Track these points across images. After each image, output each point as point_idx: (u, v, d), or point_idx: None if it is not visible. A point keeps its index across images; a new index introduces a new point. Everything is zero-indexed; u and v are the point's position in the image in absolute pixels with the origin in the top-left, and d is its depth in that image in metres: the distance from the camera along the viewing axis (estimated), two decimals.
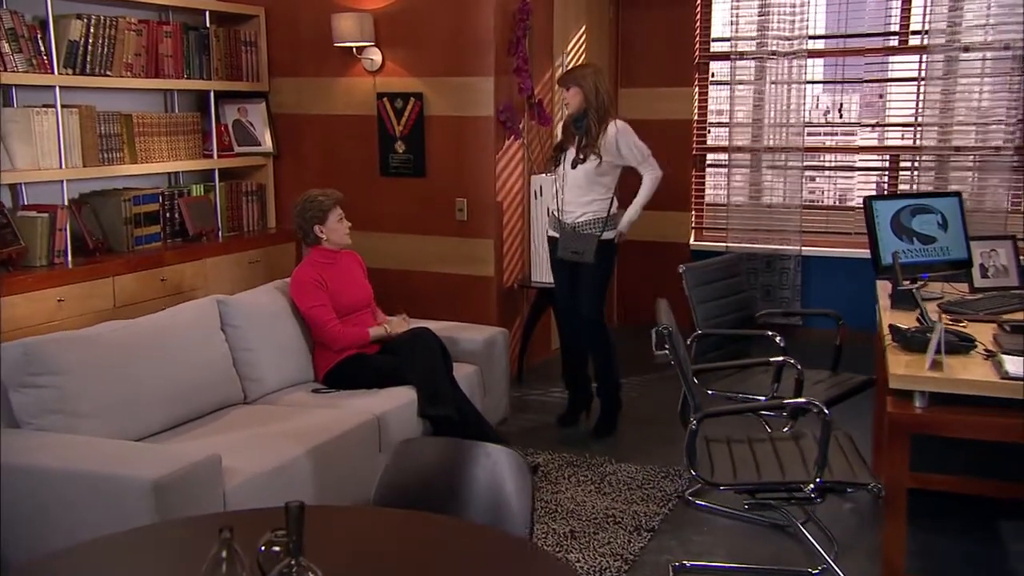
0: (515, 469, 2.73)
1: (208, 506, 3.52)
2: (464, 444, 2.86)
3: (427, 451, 2.91)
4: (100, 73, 5.52)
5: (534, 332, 6.49)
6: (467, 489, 2.76)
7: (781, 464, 3.66)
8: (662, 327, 3.58)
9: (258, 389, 4.73)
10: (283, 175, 6.76)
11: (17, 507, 3.48)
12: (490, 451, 2.79)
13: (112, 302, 5.37)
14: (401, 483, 2.82)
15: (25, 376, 3.82)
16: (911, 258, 4.60)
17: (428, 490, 2.79)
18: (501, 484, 2.72)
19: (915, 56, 7.14)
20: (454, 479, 2.79)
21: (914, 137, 7.23)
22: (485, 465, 2.78)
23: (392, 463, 2.86)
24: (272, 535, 2.03)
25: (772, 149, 7.25)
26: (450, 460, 2.83)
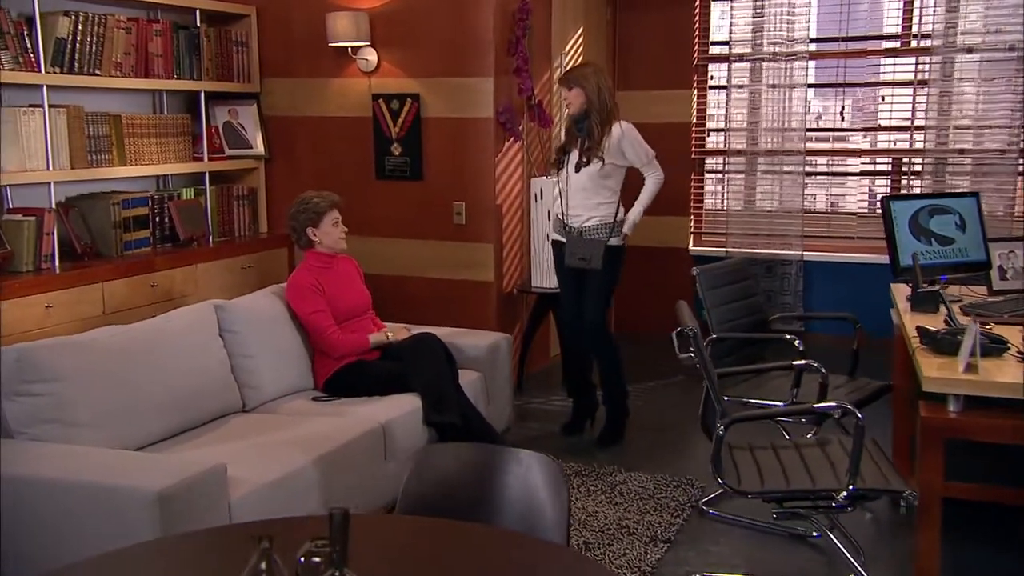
0: (549, 476, 2.58)
1: (213, 518, 3.36)
2: (493, 450, 2.72)
3: (452, 457, 2.75)
4: (89, 72, 5.35)
5: (534, 339, 6.34)
6: (498, 497, 2.61)
7: (809, 471, 3.52)
8: (687, 329, 3.45)
9: (257, 397, 4.56)
10: (275, 179, 6.59)
11: (16, 520, 3.30)
12: (521, 457, 2.64)
13: (102, 308, 5.18)
14: (426, 491, 2.67)
15: (19, 384, 3.64)
16: (929, 260, 4.50)
17: (455, 498, 2.64)
18: (534, 491, 2.58)
19: (919, 58, 7.04)
20: (483, 486, 2.64)
21: (910, 140, 7.16)
22: (516, 472, 2.63)
23: (415, 470, 2.71)
24: (312, 545, 1.87)
25: (773, 152, 7.14)
26: (478, 467, 2.68)
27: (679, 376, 6.74)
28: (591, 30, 7.18)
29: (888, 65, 7.29)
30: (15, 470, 3.33)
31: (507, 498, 2.61)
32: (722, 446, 3.46)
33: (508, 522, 2.58)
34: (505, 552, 2.33)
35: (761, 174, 7.23)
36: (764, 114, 7.16)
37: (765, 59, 7.09)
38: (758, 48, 7.12)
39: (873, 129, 7.37)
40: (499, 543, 2.39)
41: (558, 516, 2.53)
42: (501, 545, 2.37)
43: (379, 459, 4.31)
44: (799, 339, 4.62)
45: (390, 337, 4.93)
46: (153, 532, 3.14)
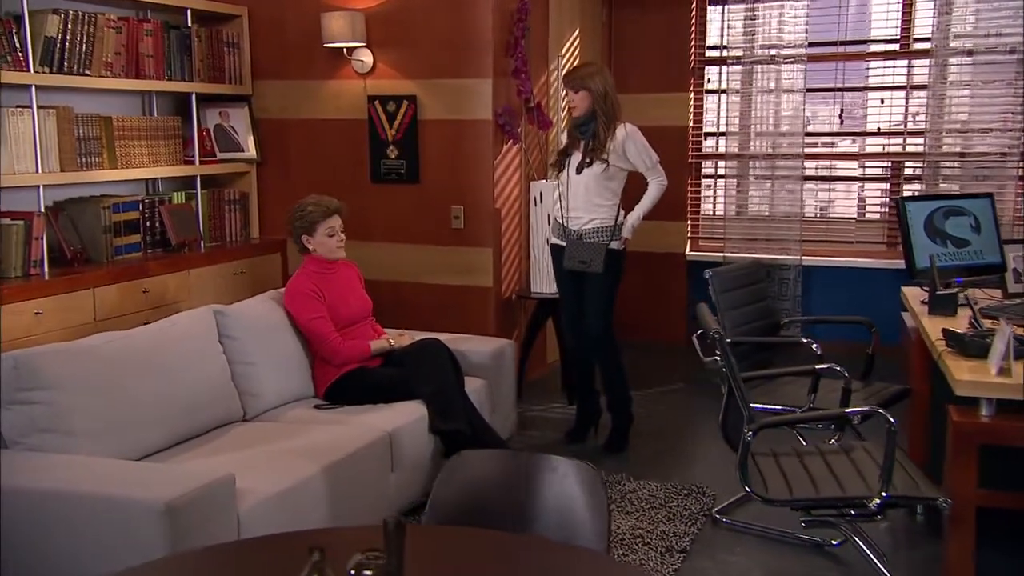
0: (587, 483, 2.48)
1: (221, 530, 3.23)
2: (527, 456, 2.61)
3: (484, 465, 2.64)
4: (79, 72, 5.20)
5: (533, 345, 6.22)
6: (534, 505, 2.51)
7: (838, 479, 3.42)
8: (713, 332, 3.34)
9: (258, 405, 4.42)
10: (267, 183, 6.45)
11: (17, 533, 3.17)
12: (557, 464, 2.54)
13: (93, 315, 5.03)
14: (456, 499, 2.56)
15: (15, 392, 3.50)
16: (945, 262, 4.41)
17: (488, 507, 2.53)
18: (572, 499, 2.47)
19: (912, 61, 7.00)
20: (517, 494, 2.53)
21: (902, 144, 7.10)
22: (552, 479, 2.53)
23: (444, 478, 2.60)
24: (362, 557, 1.75)
25: (771, 156, 7.06)
26: (512, 474, 2.57)
27: (679, 383, 6.65)
28: (587, 32, 7.09)
29: (885, 68, 7.22)
30: (15, 481, 3.20)
31: (544, 506, 2.50)
32: (748, 453, 3.35)
33: (545, 531, 2.47)
34: (550, 562, 2.22)
35: (759, 179, 7.15)
36: (762, 118, 7.08)
37: (762, 62, 7.01)
38: (755, 51, 7.04)
39: (872, 133, 7.29)
40: (542, 552, 2.28)
41: (598, 525, 2.43)
42: (545, 555, 2.27)
43: (386, 469, 4.19)
44: (813, 344, 4.53)
45: (392, 343, 4.81)
46: (160, 545, 3.02)
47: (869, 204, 7.44)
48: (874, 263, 7.03)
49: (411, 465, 4.34)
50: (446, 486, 2.59)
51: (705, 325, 3.50)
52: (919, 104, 7.04)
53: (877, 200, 7.37)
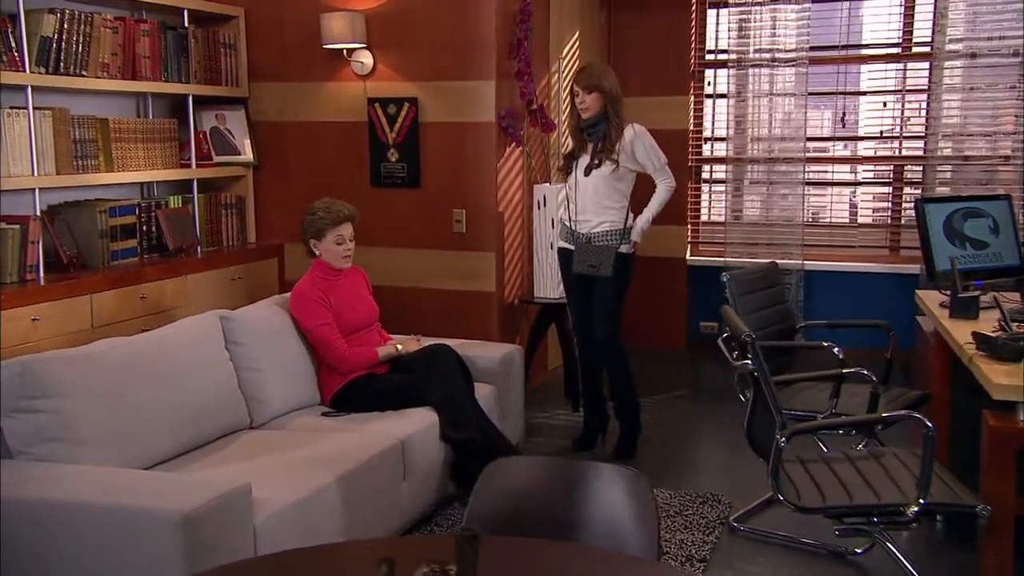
0: (634, 490, 2.39)
1: (237, 542, 3.12)
2: (570, 464, 2.53)
3: (524, 473, 2.54)
4: (75, 73, 5.07)
5: (536, 352, 6.12)
6: (578, 514, 2.41)
7: (871, 486, 3.34)
8: (745, 335, 3.25)
9: (265, 412, 4.31)
10: (264, 187, 6.33)
11: (26, 546, 3.05)
12: (603, 470, 2.45)
13: (90, 321, 4.90)
14: (495, 509, 2.46)
15: (21, 399, 3.37)
16: (964, 264, 4.35)
17: (529, 516, 2.43)
18: (618, 508, 2.38)
19: (921, 64, 6.96)
20: (561, 503, 2.44)
21: (898, 147, 7.07)
22: (597, 487, 2.43)
23: (483, 487, 2.50)
24: (428, 569, 1.65)
25: (773, 160, 7.00)
26: (555, 482, 2.48)
27: (682, 389, 6.57)
28: (587, 34, 7.00)
29: (885, 72, 7.17)
30: (24, 492, 3.08)
31: (589, 516, 2.40)
32: (780, 459, 3.26)
33: (592, 541, 2.38)
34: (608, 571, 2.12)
35: (760, 183, 7.08)
36: (761, 122, 7.01)
37: (762, 65, 6.95)
38: (755, 55, 6.97)
39: (875, 137, 7.24)
40: (598, 563, 2.18)
41: (647, 535, 2.33)
42: (600, 565, 2.17)
43: (398, 478, 4.07)
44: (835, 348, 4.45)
45: (399, 349, 4.71)
46: (176, 557, 2.92)
47: (872, 208, 7.39)
48: (877, 268, 6.97)
49: (423, 474, 4.24)
50: (484, 494, 2.49)
51: (735, 328, 3.41)
52: (914, 108, 7.01)
53: (879, 204, 7.32)
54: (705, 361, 7.23)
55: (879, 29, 7.11)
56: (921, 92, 6.99)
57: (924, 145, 6.93)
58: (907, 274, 6.82)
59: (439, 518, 4.43)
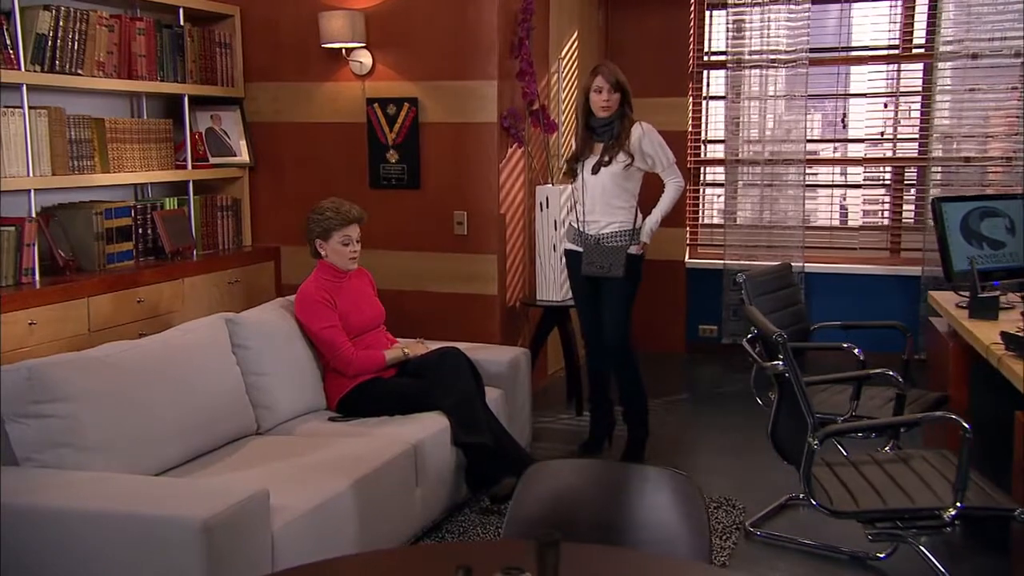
0: (683, 493, 2.31)
1: (256, 550, 3.03)
2: (614, 467, 2.46)
3: (566, 476, 2.46)
4: (71, 71, 4.95)
5: (538, 356, 6.03)
6: (624, 518, 2.33)
7: (904, 490, 3.27)
8: (776, 335, 3.18)
9: (272, 418, 4.21)
10: (260, 189, 6.22)
11: (38, 557, 2.94)
12: (649, 474, 2.37)
13: (87, 326, 4.78)
14: (537, 513, 2.38)
15: (28, 404, 3.26)
16: (982, 265, 4.30)
17: (572, 520, 2.35)
18: (666, 512, 2.30)
19: (889, 65, 6.94)
20: (605, 507, 2.36)
21: (892, 149, 7.04)
22: (644, 490, 2.35)
23: (524, 491, 2.41)
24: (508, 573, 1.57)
25: (773, 162, 6.95)
26: (600, 486, 2.41)
27: (684, 393, 6.50)
28: (585, 34, 6.94)
29: (884, 73, 7.15)
30: (39, 500, 2.99)
31: (637, 519, 2.32)
32: (813, 462, 3.19)
33: (640, 546, 2.30)
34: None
35: (760, 185, 7.02)
36: (762, 124, 6.96)
37: (762, 66, 6.90)
38: (754, 56, 6.92)
39: (873, 140, 7.21)
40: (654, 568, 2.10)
41: (698, 540, 2.25)
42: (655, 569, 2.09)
43: (411, 483, 3.98)
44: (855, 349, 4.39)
45: (406, 353, 4.61)
46: (195, 566, 2.83)
47: (862, 212, 7.36)
48: (877, 270, 6.92)
49: (435, 479, 4.14)
50: (525, 499, 2.41)
51: (764, 328, 3.33)
52: (908, 110, 6.99)
53: (871, 207, 7.28)
54: (704, 364, 7.17)
55: (873, 30, 7.08)
56: (915, 94, 6.97)
57: (918, 147, 6.90)
58: (908, 276, 6.79)
59: (450, 524, 4.33)
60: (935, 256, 6.54)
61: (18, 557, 2.94)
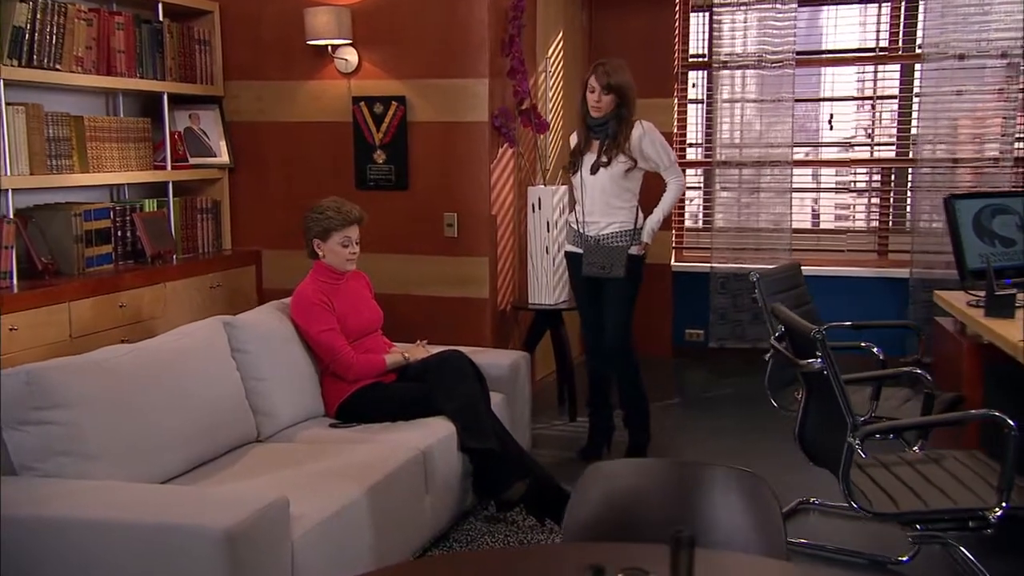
0: (754, 492, 2.20)
1: (275, 559, 2.89)
2: (678, 465, 2.33)
3: (628, 476, 2.33)
4: (49, 66, 4.75)
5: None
6: (695, 517, 2.21)
7: (941, 490, 3.18)
8: (815, 332, 3.07)
9: (272, 425, 4.04)
10: (240, 190, 6.02)
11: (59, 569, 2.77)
12: (716, 472, 2.24)
13: (68, 331, 4.57)
14: (598, 515, 2.26)
15: (27, 411, 3.08)
16: (995, 262, 4.23)
17: (635, 522, 2.23)
18: (738, 513, 2.19)
19: (876, 67, 6.93)
20: (671, 508, 2.25)
21: (871, 150, 7.02)
22: (711, 488, 2.24)
23: (582, 492, 2.28)
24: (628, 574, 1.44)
25: (760, 163, 6.88)
26: (664, 486, 2.27)
27: (675, 398, 6.39)
28: (570, 34, 6.83)
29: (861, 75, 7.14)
30: (52, 511, 2.82)
31: (707, 520, 2.20)
32: (851, 463, 3.08)
33: (713, 547, 2.17)
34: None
35: (738, 187, 6.95)
36: (741, 125, 6.89)
37: (749, 67, 6.83)
38: (739, 58, 6.85)
39: (866, 143, 7.16)
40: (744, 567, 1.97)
41: (772, 541, 2.13)
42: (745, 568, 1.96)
43: (421, 490, 3.83)
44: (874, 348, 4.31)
45: (407, 357, 4.46)
46: (218, 574, 2.66)
47: (834, 216, 7.33)
48: (866, 272, 6.87)
49: (444, 486, 3.99)
50: (584, 501, 2.28)
51: (800, 325, 3.23)
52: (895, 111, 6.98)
53: (841, 211, 7.27)
54: (691, 369, 7.08)
55: (847, 33, 7.06)
56: (894, 98, 6.96)
57: (896, 150, 6.88)
58: (897, 278, 6.74)
59: (457, 533, 4.18)
60: (924, 258, 6.58)
61: (27, 572, 2.76)
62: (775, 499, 2.17)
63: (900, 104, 6.96)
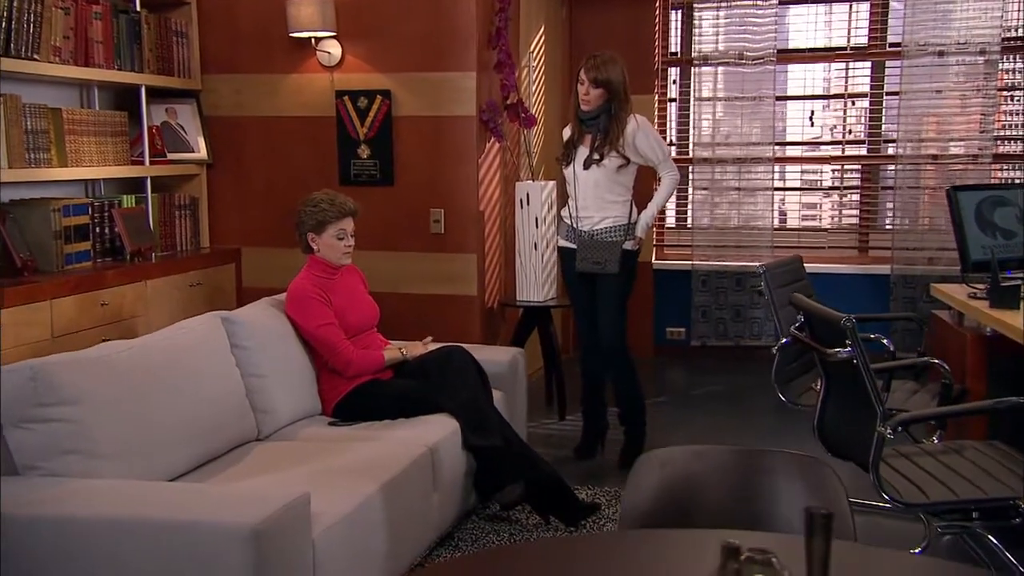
0: (817, 477, 2.14)
1: (297, 557, 2.79)
2: (737, 452, 2.26)
3: (682, 464, 2.26)
4: (27, 56, 4.57)
5: None
6: (758, 505, 2.15)
7: (969, 480, 3.14)
8: (844, 320, 3.02)
9: (272, 423, 3.92)
10: (218, 186, 5.87)
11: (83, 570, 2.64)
12: (776, 458, 2.20)
13: (50, 330, 4.41)
14: (654, 504, 2.20)
15: (32, 408, 2.93)
16: (997, 255, 4.22)
17: (693, 510, 2.17)
18: (801, 495, 2.12)
19: (860, 63, 6.96)
20: (731, 495, 2.19)
21: (842, 149, 7.05)
22: (773, 475, 2.18)
23: (636, 481, 2.22)
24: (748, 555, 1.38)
25: (742, 160, 6.86)
26: (721, 472, 2.22)
27: (661, 396, 6.33)
28: (551, 29, 6.76)
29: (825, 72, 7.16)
30: (74, 510, 2.72)
31: (771, 507, 2.13)
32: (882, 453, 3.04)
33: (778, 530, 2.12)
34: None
35: (728, 185, 6.93)
36: (731, 123, 6.88)
37: (731, 64, 6.81)
38: (724, 54, 6.83)
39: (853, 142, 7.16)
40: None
41: (840, 525, 2.06)
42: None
43: (429, 488, 3.73)
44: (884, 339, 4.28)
45: (404, 354, 4.35)
46: (244, 572, 2.56)
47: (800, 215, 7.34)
48: (848, 269, 6.88)
49: (450, 484, 3.90)
50: (639, 489, 2.21)
51: (827, 314, 3.18)
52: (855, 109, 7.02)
53: (807, 211, 7.29)
54: (674, 367, 7.04)
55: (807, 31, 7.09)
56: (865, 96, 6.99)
57: (867, 147, 6.92)
58: (878, 275, 6.76)
59: (461, 533, 4.08)
60: (904, 255, 6.60)
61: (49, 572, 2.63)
62: (840, 484, 2.11)
63: (873, 102, 6.97)
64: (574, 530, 4.10)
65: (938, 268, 6.48)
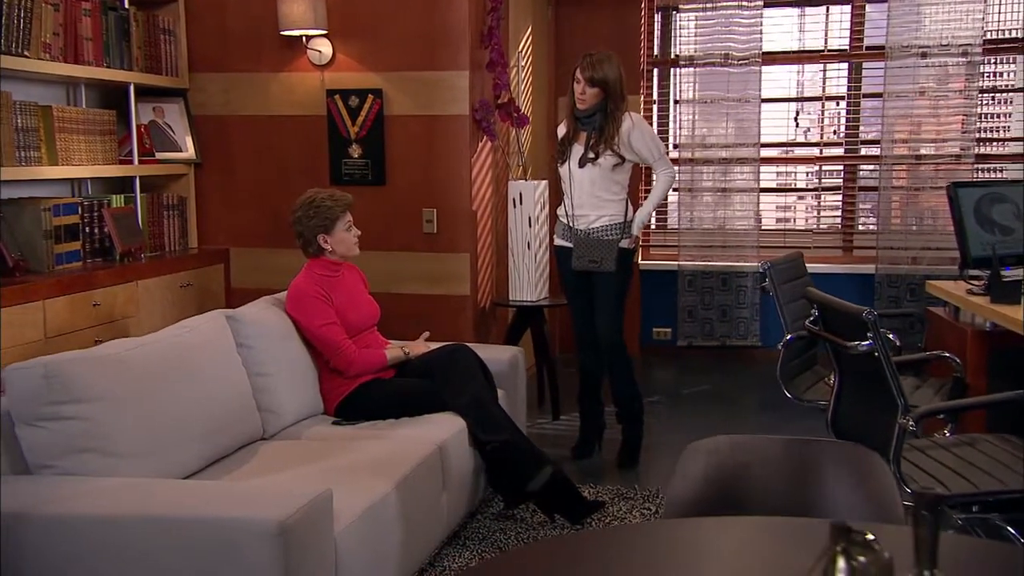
0: (867, 466, 2.14)
1: (319, 554, 2.75)
2: (784, 442, 2.26)
3: (728, 455, 2.26)
4: (17, 52, 4.50)
5: None
6: (809, 495, 2.14)
7: (987, 472, 3.16)
8: (866, 312, 3.03)
9: (277, 422, 3.88)
10: (207, 187, 5.80)
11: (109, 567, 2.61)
12: (824, 447, 2.20)
13: (43, 331, 4.34)
14: (699, 494, 2.20)
15: (44, 406, 2.88)
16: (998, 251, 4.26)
17: (747, 500, 2.16)
18: (851, 485, 2.13)
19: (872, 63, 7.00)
20: (784, 484, 2.18)
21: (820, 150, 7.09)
22: (822, 465, 2.18)
23: (681, 471, 2.22)
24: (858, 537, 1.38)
25: (727, 161, 6.88)
26: (769, 462, 2.22)
27: (653, 395, 6.33)
28: (537, 30, 6.75)
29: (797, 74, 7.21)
30: (97, 508, 2.68)
31: (819, 495, 2.14)
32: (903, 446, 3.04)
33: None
34: None
35: (713, 185, 6.95)
36: (715, 124, 6.90)
37: (716, 64, 6.84)
38: (709, 56, 6.85)
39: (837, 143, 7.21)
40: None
41: (890, 513, 2.07)
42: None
43: (438, 486, 3.70)
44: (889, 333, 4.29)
45: (406, 352, 4.32)
46: (271, 568, 2.54)
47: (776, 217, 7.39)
48: (833, 268, 6.91)
49: (459, 482, 3.88)
50: (684, 479, 2.21)
51: (846, 308, 3.18)
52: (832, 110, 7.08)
53: (785, 213, 7.34)
54: (661, 367, 7.04)
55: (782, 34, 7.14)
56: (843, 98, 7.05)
57: (844, 148, 6.97)
58: (862, 274, 6.81)
59: (467, 531, 4.06)
60: (889, 254, 6.65)
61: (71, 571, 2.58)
62: (889, 471, 2.11)
63: (851, 103, 7.02)
64: (579, 528, 4.08)
65: (921, 267, 6.54)
